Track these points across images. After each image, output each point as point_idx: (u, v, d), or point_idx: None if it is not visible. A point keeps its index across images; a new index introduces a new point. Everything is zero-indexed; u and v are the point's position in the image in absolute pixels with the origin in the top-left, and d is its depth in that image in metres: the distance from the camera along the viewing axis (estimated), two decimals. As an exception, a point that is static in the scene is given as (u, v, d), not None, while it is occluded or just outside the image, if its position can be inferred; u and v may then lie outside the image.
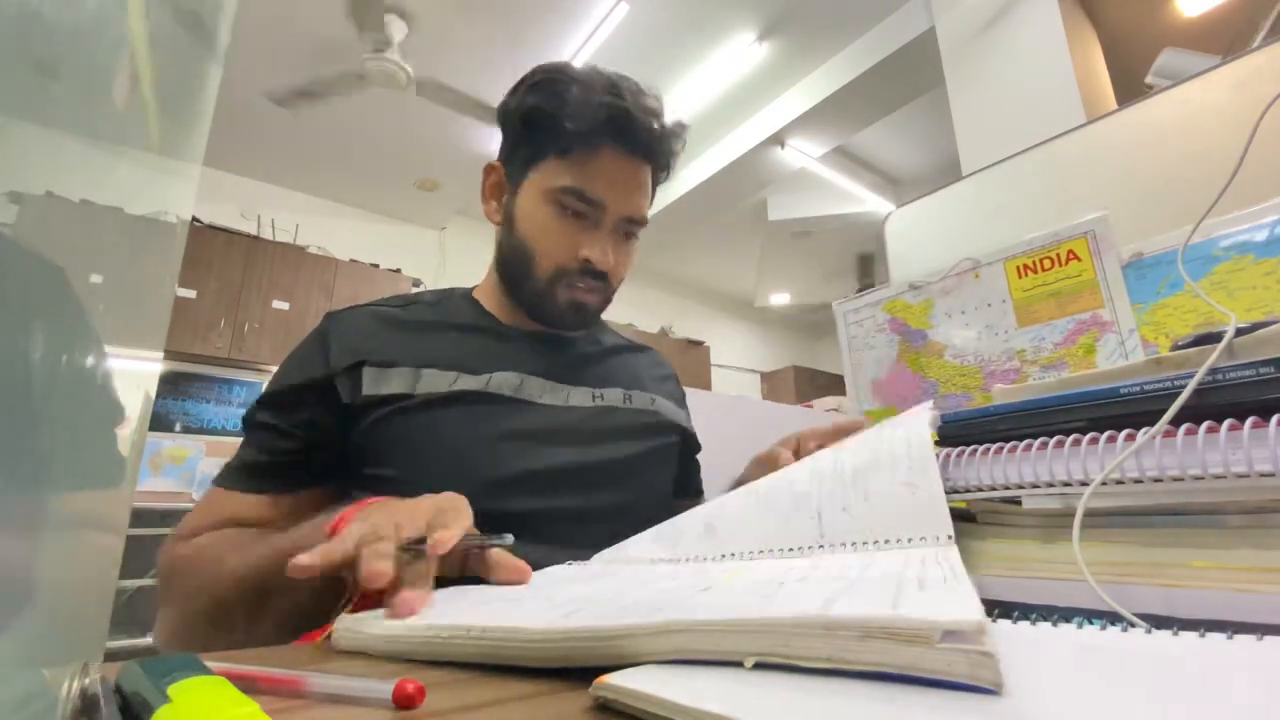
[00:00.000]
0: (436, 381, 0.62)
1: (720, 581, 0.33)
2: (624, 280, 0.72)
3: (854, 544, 0.35)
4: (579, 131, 0.62)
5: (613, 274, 0.68)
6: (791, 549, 0.37)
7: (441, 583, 0.43)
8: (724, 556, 0.40)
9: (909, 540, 0.33)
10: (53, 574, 0.18)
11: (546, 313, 0.69)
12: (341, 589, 0.40)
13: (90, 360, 0.20)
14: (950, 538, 0.32)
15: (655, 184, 0.70)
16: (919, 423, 0.38)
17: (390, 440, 0.59)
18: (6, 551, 0.15)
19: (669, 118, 0.68)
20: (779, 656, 0.20)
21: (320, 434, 0.60)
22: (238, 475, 0.59)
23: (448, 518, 0.41)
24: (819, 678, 0.20)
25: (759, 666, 0.21)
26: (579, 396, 0.69)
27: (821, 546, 0.36)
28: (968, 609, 0.19)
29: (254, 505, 0.57)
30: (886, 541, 0.34)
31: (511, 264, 0.69)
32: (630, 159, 0.65)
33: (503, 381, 0.64)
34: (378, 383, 0.61)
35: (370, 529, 0.39)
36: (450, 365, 0.64)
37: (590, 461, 0.65)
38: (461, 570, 0.44)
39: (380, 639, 0.32)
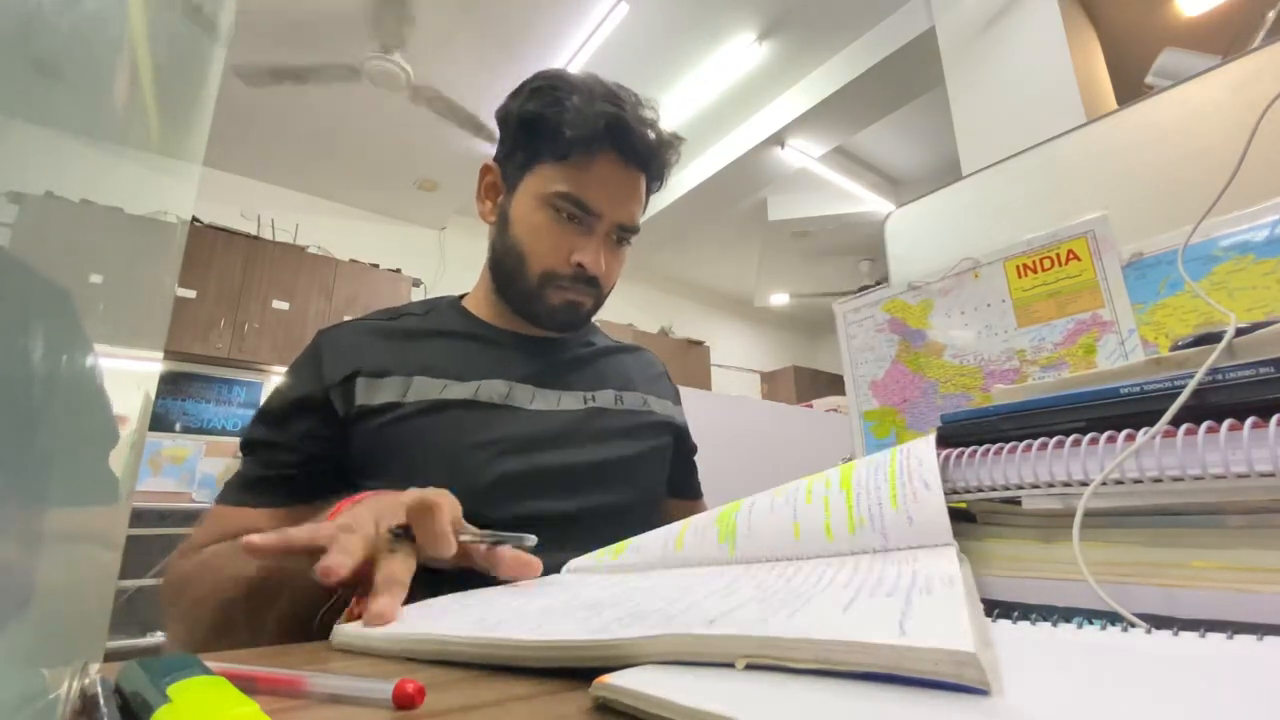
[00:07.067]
0: (427, 389, 0.62)
1: (714, 592, 0.33)
2: (616, 284, 0.73)
3: (851, 550, 0.35)
4: (577, 138, 0.62)
5: (604, 279, 0.68)
6: (791, 556, 0.37)
7: (448, 582, 0.43)
8: (724, 562, 0.40)
9: (908, 546, 0.33)
10: (52, 574, 0.18)
11: (537, 314, 0.69)
12: (334, 589, 0.40)
13: (89, 382, 0.20)
14: (950, 542, 0.32)
15: (649, 193, 0.71)
16: (924, 442, 0.38)
17: (383, 450, 0.60)
18: (6, 552, 0.15)
19: (666, 128, 0.68)
20: (770, 659, 0.21)
21: (320, 446, 0.60)
22: (240, 490, 0.58)
23: (434, 514, 0.40)
24: (817, 677, 0.20)
25: (756, 667, 0.21)
26: (570, 400, 0.69)
27: (817, 554, 0.36)
28: (956, 631, 0.19)
29: (258, 519, 0.57)
30: (885, 548, 0.34)
31: (503, 264, 0.69)
32: (626, 168, 0.66)
33: (491, 389, 0.64)
34: (370, 393, 0.61)
35: (346, 521, 0.39)
36: (440, 373, 0.64)
37: (583, 463, 0.65)
38: (464, 564, 0.44)
39: (382, 641, 0.32)
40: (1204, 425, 0.27)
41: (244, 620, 0.48)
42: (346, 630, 0.34)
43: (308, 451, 0.59)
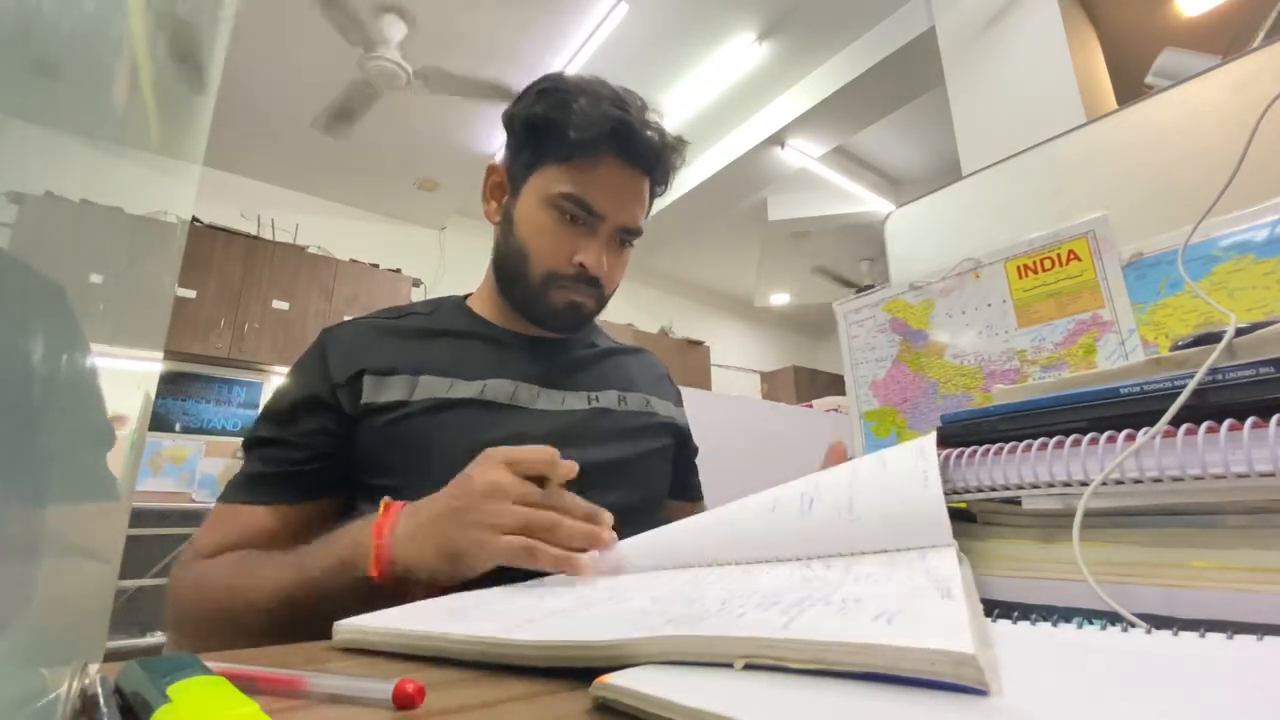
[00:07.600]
0: (433, 387, 0.62)
1: (714, 593, 0.33)
2: (619, 287, 0.73)
3: (852, 550, 0.35)
4: (582, 140, 0.62)
5: (606, 280, 0.68)
6: (790, 557, 0.37)
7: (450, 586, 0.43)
8: (724, 563, 0.40)
9: (908, 546, 0.33)
10: (52, 574, 0.18)
11: (539, 314, 0.69)
12: (377, 592, 0.43)
13: (85, 379, 0.20)
14: (950, 542, 0.32)
15: (653, 196, 0.72)
16: (924, 442, 0.38)
17: (388, 448, 0.60)
18: (6, 552, 0.15)
19: (671, 132, 0.69)
20: (769, 659, 0.21)
21: (327, 444, 0.60)
22: (246, 488, 0.58)
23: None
24: (817, 677, 0.20)
25: (756, 667, 0.21)
26: (574, 400, 0.69)
27: (817, 554, 0.36)
28: (955, 631, 0.19)
29: (265, 517, 0.57)
30: (885, 548, 0.34)
31: (507, 264, 0.69)
32: (630, 170, 0.66)
33: (497, 389, 0.65)
34: (377, 391, 0.61)
35: (537, 517, 0.44)
36: (445, 371, 0.64)
37: (587, 463, 0.64)
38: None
39: (382, 637, 0.32)
40: (1204, 425, 0.27)
41: (267, 640, 0.48)
42: (347, 625, 0.34)
43: (315, 449, 0.59)
